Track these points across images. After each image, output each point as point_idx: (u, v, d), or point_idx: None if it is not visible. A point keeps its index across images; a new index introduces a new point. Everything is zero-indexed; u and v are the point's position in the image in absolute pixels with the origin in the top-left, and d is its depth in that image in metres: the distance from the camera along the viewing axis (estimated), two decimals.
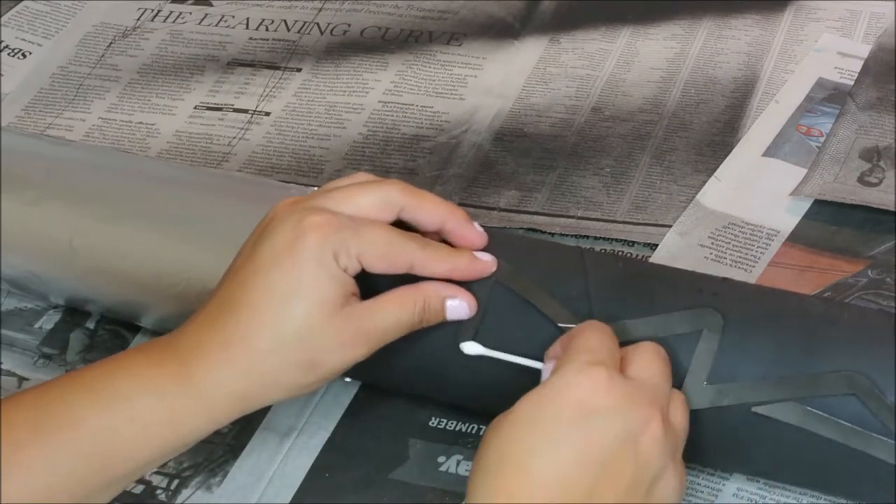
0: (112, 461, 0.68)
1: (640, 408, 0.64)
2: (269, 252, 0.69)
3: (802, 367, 0.69)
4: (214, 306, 0.70)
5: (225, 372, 0.68)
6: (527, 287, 0.73)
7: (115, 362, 0.70)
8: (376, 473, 0.79)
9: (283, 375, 0.70)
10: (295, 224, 0.69)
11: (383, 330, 0.71)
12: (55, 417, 0.67)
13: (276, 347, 0.69)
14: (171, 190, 0.86)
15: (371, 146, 1.03)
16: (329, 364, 0.70)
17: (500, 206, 0.97)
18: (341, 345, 0.70)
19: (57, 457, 0.67)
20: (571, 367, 0.65)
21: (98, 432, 0.67)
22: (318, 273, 0.69)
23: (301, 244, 0.69)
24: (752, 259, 0.90)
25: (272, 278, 0.69)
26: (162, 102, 1.09)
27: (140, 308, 0.85)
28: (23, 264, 0.87)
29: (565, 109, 1.04)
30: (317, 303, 0.69)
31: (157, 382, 0.68)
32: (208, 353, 0.68)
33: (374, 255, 0.70)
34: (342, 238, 0.69)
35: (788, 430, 0.70)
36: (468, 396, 0.78)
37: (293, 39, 1.14)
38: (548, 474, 0.63)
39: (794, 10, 1.10)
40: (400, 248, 0.71)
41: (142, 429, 0.68)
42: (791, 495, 0.75)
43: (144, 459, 0.69)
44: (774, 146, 0.98)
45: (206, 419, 0.69)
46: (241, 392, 0.69)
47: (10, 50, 1.15)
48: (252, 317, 0.69)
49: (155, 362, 0.69)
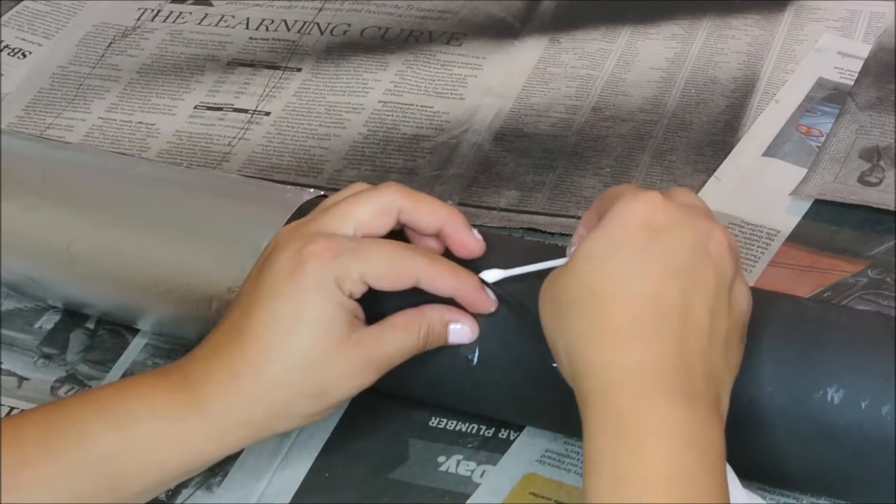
0: (120, 482, 0.68)
1: (699, 220, 0.66)
2: (270, 281, 0.69)
3: (801, 374, 0.69)
4: (221, 334, 0.70)
5: (234, 401, 0.69)
6: (523, 303, 0.73)
7: (126, 384, 0.71)
8: (376, 473, 0.79)
9: (293, 405, 0.70)
10: (294, 253, 0.69)
11: (389, 356, 0.71)
12: (64, 435, 0.68)
13: (285, 378, 0.69)
14: (169, 193, 0.85)
15: (371, 146, 1.03)
16: (338, 392, 0.70)
17: (500, 206, 0.97)
18: (350, 373, 0.70)
19: (64, 475, 0.67)
20: (625, 198, 0.67)
21: (107, 452, 0.68)
22: (321, 301, 0.69)
23: (302, 273, 0.69)
24: (752, 259, 0.90)
25: (275, 308, 0.69)
26: (162, 102, 1.09)
27: (138, 312, 0.85)
28: (21, 269, 0.87)
29: (565, 109, 1.04)
30: (323, 331, 0.69)
31: (168, 406, 0.68)
32: (217, 383, 0.69)
33: (377, 274, 0.70)
34: (342, 263, 0.69)
35: (787, 432, 0.70)
36: (468, 402, 0.78)
37: (293, 39, 1.14)
38: (643, 294, 0.64)
39: (794, 10, 1.10)
40: (404, 264, 0.71)
41: (151, 451, 0.68)
42: (791, 495, 0.75)
43: (152, 482, 0.69)
44: (774, 146, 0.98)
45: (216, 446, 0.70)
46: (251, 421, 0.69)
47: (10, 50, 1.15)
48: (258, 347, 0.69)
49: (165, 387, 0.69)
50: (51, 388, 0.87)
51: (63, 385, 0.87)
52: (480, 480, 0.78)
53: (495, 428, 0.80)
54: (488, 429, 0.80)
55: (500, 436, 0.80)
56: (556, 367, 0.68)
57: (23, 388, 0.87)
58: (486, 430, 0.80)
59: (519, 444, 0.79)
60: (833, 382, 0.69)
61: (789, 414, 0.69)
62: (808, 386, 0.69)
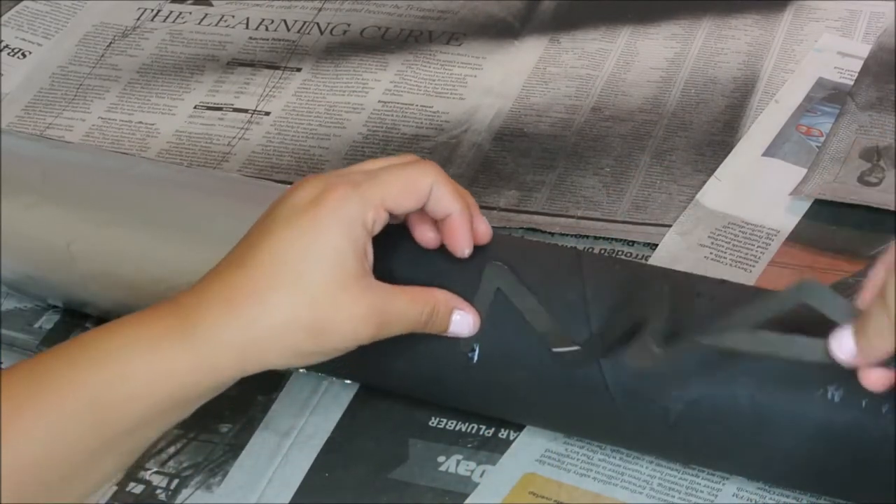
0: (106, 417, 0.66)
1: None
2: (285, 214, 0.68)
3: (801, 373, 0.69)
4: (224, 265, 0.69)
5: (227, 323, 0.66)
6: (526, 301, 0.73)
7: (114, 323, 0.68)
8: (376, 473, 0.79)
9: (287, 336, 0.67)
10: (314, 189, 0.69)
11: (394, 317, 0.69)
12: (52, 379, 0.66)
13: (285, 304, 0.67)
14: (169, 193, 0.85)
15: (371, 146, 1.03)
16: (335, 335, 0.68)
17: (500, 205, 0.97)
18: (352, 316, 0.68)
19: (53, 418, 0.65)
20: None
21: (91, 389, 0.65)
22: (338, 235, 0.67)
23: (322, 205, 0.68)
24: (752, 259, 0.90)
25: (289, 236, 0.67)
26: (162, 102, 1.09)
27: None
28: (20, 268, 0.87)
29: (565, 109, 1.04)
30: (335, 264, 0.67)
31: (154, 337, 0.66)
32: (211, 307, 0.67)
33: (395, 193, 0.69)
34: (362, 192, 0.68)
35: (788, 431, 0.70)
36: (468, 402, 0.78)
37: (293, 39, 1.14)
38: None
39: (794, 10, 1.10)
40: (418, 178, 0.70)
41: (135, 384, 0.66)
42: (791, 495, 0.75)
43: (139, 417, 0.66)
44: (774, 146, 0.98)
45: (202, 374, 0.67)
46: (241, 346, 0.67)
47: (10, 50, 1.15)
48: (263, 273, 0.67)
49: (154, 318, 0.67)
50: None
51: None
52: (480, 480, 0.78)
53: (495, 428, 0.80)
54: (488, 429, 0.80)
55: (500, 435, 0.80)
56: (559, 353, 0.69)
57: None
58: (486, 430, 0.80)
59: (519, 444, 0.79)
60: (833, 381, 0.69)
61: (789, 413, 0.69)
62: (808, 384, 0.69)
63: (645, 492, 0.76)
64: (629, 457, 0.77)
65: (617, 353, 0.72)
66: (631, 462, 0.77)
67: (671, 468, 0.76)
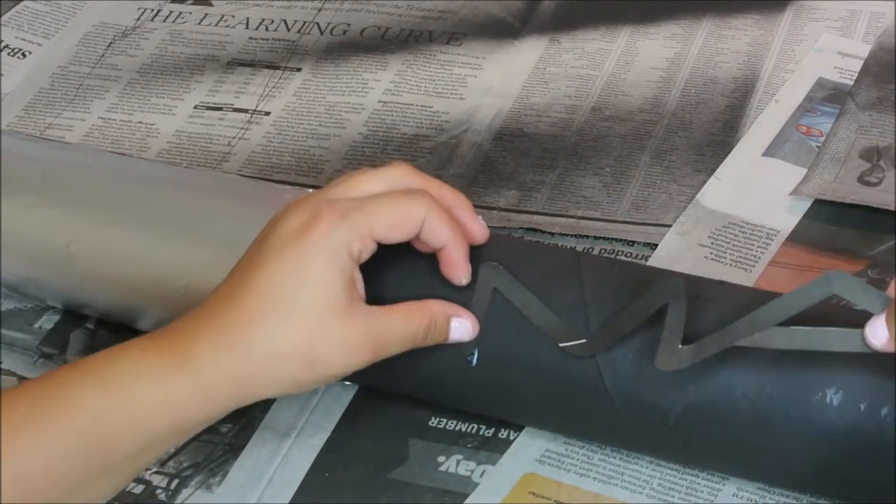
0: (108, 444, 0.67)
1: None
2: (276, 244, 0.69)
3: (800, 376, 0.69)
4: (218, 296, 0.70)
5: (223, 355, 0.67)
6: (525, 299, 0.73)
7: (116, 349, 0.69)
8: (376, 473, 0.79)
9: (282, 366, 0.68)
10: (303, 218, 0.69)
11: (388, 339, 0.70)
12: (54, 401, 0.67)
13: (278, 335, 0.68)
14: (169, 193, 0.85)
15: (371, 146, 1.03)
16: (329, 364, 0.69)
17: (500, 205, 0.97)
18: (344, 344, 0.69)
19: (54, 438, 0.66)
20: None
21: (95, 413, 0.67)
22: (326, 264, 0.68)
23: (309, 235, 0.68)
24: (752, 259, 0.90)
25: (279, 268, 0.68)
26: (162, 102, 1.09)
27: (138, 312, 0.85)
28: (20, 269, 0.87)
29: (565, 109, 1.04)
30: (324, 294, 0.68)
31: (155, 365, 0.67)
32: (207, 338, 0.68)
33: (384, 225, 0.70)
34: (350, 222, 0.69)
35: (787, 433, 0.70)
36: (468, 402, 0.78)
37: (293, 39, 1.14)
38: None
39: (794, 10, 1.10)
40: (409, 210, 0.70)
41: (137, 412, 0.67)
42: (791, 495, 0.75)
43: (139, 444, 0.68)
44: (774, 146, 0.98)
45: (201, 404, 0.68)
46: (237, 377, 0.68)
47: (10, 50, 1.15)
48: (257, 304, 0.68)
49: (154, 348, 0.68)
50: None
51: None
52: (480, 480, 0.78)
53: (495, 428, 0.80)
54: (488, 429, 0.80)
55: (500, 436, 0.80)
56: (564, 348, 0.68)
57: None
58: (486, 430, 0.80)
59: (518, 444, 0.79)
60: (832, 384, 0.69)
61: (788, 415, 0.69)
62: (808, 387, 0.69)
63: (645, 492, 0.76)
64: (629, 457, 0.77)
65: (616, 354, 0.72)
66: (631, 462, 0.77)
67: (671, 468, 0.76)
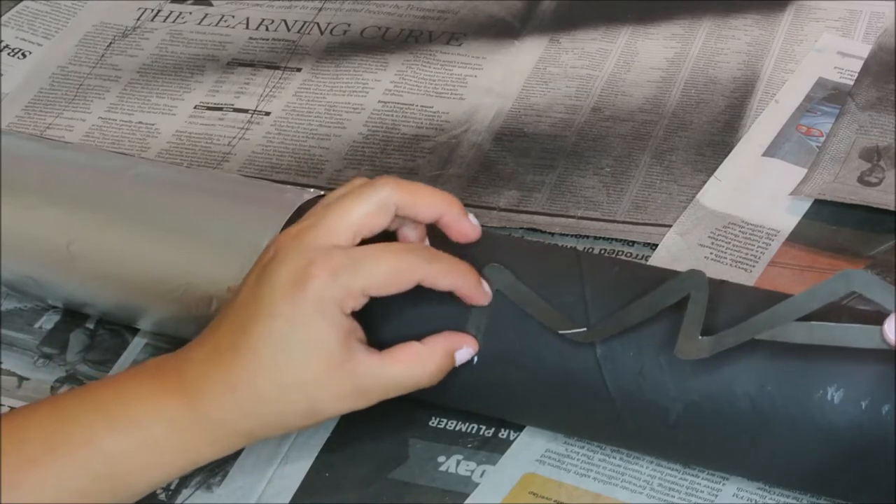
0: (123, 483, 0.70)
1: None
2: (269, 298, 0.70)
3: (801, 374, 0.69)
4: (220, 340, 0.71)
5: (232, 412, 0.70)
6: (526, 297, 0.73)
7: (125, 384, 0.72)
8: (376, 473, 0.79)
9: (285, 419, 0.72)
10: (294, 271, 0.70)
11: (385, 389, 0.72)
12: (68, 437, 0.69)
13: (278, 395, 0.70)
14: (169, 193, 0.85)
15: (371, 146, 1.03)
16: (328, 412, 0.72)
17: (500, 205, 0.97)
18: (343, 397, 0.71)
19: (69, 475, 0.69)
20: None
21: (112, 455, 0.69)
22: (319, 324, 0.69)
23: (301, 294, 0.69)
24: (752, 259, 0.90)
25: (273, 327, 0.69)
26: (162, 102, 1.09)
27: (138, 312, 0.85)
28: (20, 269, 0.87)
29: (565, 109, 1.04)
30: (318, 354, 0.70)
31: (169, 411, 0.70)
32: (215, 392, 0.70)
33: (378, 285, 0.70)
34: (343, 283, 0.69)
35: (788, 432, 0.70)
36: (468, 402, 0.78)
37: (293, 39, 1.14)
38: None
39: (794, 10, 1.10)
40: (404, 269, 0.71)
41: (155, 454, 0.70)
42: (791, 495, 0.75)
43: (154, 481, 0.71)
44: (774, 146, 0.98)
45: (215, 449, 0.72)
46: (247, 431, 0.71)
47: (10, 50, 1.15)
48: (254, 361, 0.70)
49: (164, 390, 0.70)
50: (51, 388, 0.87)
51: (63, 385, 0.87)
52: (480, 480, 0.78)
53: (495, 428, 0.80)
54: (488, 429, 0.80)
55: (500, 436, 0.80)
56: (564, 335, 0.69)
57: (23, 388, 0.87)
58: (486, 430, 0.80)
59: (519, 444, 0.79)
60: (833, 382, 0.69)
61: (789, 413, 0.69)
62: (808, 385, 0.69)
63: (645, 492, 0.76)
64: (629, 457, 0.77)
65: (617, 352, 0.72)
66: (631, 462, 0.77)
67: (671, 468, 0.76)
